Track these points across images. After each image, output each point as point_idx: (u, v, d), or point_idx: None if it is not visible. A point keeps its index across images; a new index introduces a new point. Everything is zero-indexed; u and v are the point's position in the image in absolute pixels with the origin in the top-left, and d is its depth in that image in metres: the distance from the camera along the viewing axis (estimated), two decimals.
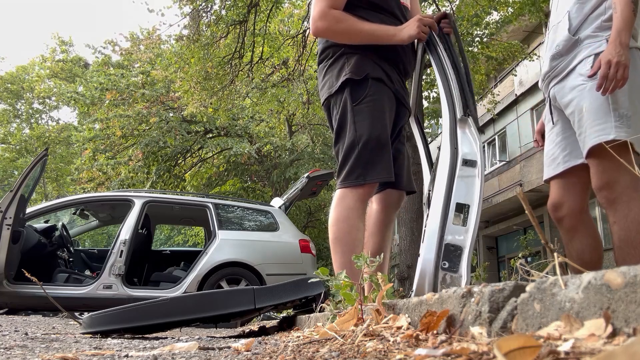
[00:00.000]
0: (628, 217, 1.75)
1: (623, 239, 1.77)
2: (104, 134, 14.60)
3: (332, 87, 2.03)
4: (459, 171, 1.75)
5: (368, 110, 1.96)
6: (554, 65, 1.98)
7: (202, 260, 5.10)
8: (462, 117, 1.84)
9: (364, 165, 1.93)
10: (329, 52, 2.09)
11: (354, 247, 1.90)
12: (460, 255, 1.65)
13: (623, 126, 1.74)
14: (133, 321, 2.23)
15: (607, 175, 1.79)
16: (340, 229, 1.93)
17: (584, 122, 1.82)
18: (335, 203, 1.98)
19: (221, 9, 9.70)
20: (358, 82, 1.97)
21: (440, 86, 1.92)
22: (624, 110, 1.75)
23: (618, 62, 1.70)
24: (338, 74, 2.01)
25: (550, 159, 2.09)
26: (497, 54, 10.26)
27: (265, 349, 1.26)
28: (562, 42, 1.93)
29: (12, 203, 4.41)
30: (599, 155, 1.79)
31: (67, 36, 39.72)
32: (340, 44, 2.04)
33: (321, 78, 2.12)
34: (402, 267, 8.71)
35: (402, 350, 0.83)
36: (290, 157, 15.35)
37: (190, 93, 11.06)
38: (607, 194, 1.80)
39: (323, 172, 5.71)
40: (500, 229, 15.63)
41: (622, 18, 1.75)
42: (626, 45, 1.73)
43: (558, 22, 2.00)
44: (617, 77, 1.71)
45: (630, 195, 1.76)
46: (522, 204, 0.82)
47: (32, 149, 25.08)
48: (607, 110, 1.76)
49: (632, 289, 0.52)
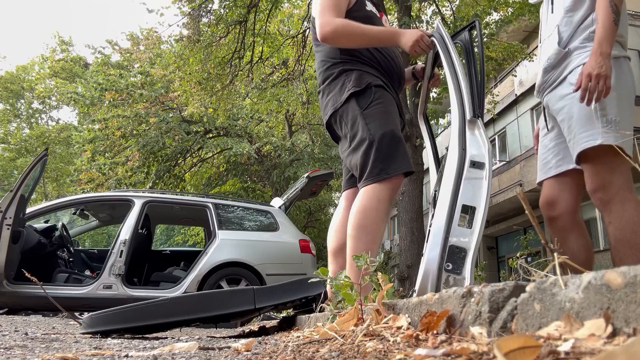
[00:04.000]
0: (623, 217, 1.79)
1: (619, 239, 1.80)
2: (103, 134, 14.59)
3: (336, 102, 2.12)
4: (466, 173, 1.75)
5: (377, 112, 2.05)
6: (547, 77, 2.06)
7: (202, 260, 5.10)
8: (471, 118, 1.84)
9: (383, 160, 1.97)
10: (328, 75, 2.20)
11: (377, 238, 1.92)
12: (464, 257, 1.65)
13: (611, 131, 1.79)
14: (133, 321, 2.23)
15: (601, 177, 1.84)
16: (368, 216, 1.93)
17: (573, 129, 1.89)
18: (361, 194, 1.99)
19: (220, 8, 9.70)
20: (362, 92, 2.07)
21: (451, 86, 1.93)
22: (612, 116, 1.81)
23: (598, 74, 1.77)
24: (340, 90, 2.12)
25: (543, 163, 2.16)
26: (497, 54, 10.26)
27: (265, 349, 1.26)
28: (553, 55, 2.00)
29: (12, 203, 4.41)
30: (592, 159, 1.85)
31: (67, 36, 39.74)
32: (338, 63, 2.17)
33: (323, 100, 2.23)
34: (402, 267, 8.71)
35: (402, 350, 0.83)
36: (290, 157, 15.35)
37: (190, 93, 11.06)
38: (602, 196, 1.84)
39: (323, 172, 5.71)
40: (500, 229, 15.64)
41: (603, 29, 1.81)
42: (607, 55, 1.79)
43: (549, 35, 2.06)
44: (599, 88, 1.77)
45: (624, 196, 1.80)
46: (522, 204, 0.82)
47: (32, 148, 25.08)
48: (595, 117, 1.82)
49: (632, 289, 0.52)
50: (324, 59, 2.24)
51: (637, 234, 1.76)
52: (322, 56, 2.25)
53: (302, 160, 15.47)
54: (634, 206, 1.79)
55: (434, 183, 2.15)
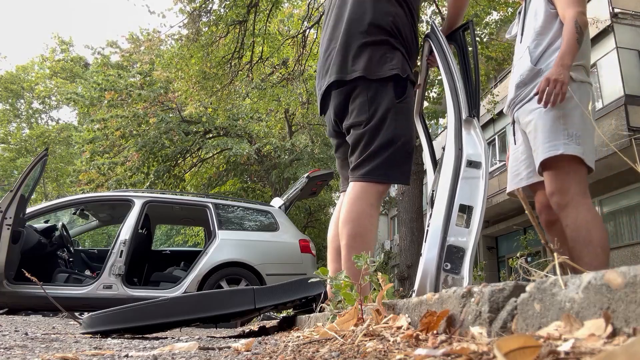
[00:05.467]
0: (577, 219, 1.98)
1: (574, 238, 1.98)
2: (102, 134, 14.59)
3: (371, 72, 1.93)
4: (463, 172, 1.75)
5: (407, 111, 2.00)
6: (519, 92, 2.25)
7: (202, 260, 5.10)
8: (467, 117, 1.84)
9: (391, 165, 1.93)
10: (374, 30, 1.98)
11: (372, 245, 1.89)
12: (462, 257, 1.65)
13: (572, 143, 2.01)
14: (133, 321, 2.23)
15: (559, 183, 2.05)
16: (363, 225, 1.89)
17: (537, 140, 2.10)
18: (354, 197, 1.92)
19: (220, 8, 9.70)
20: (402, 80, 1.96)
21: (446, 86, 1.92)
22: (574, 130, 2.02)
23: (556, 79, 1.98)
24: (380, 62, 1.94)
25: (514, 174, 2.35)
26: (496, 54, 10.26)
27: (265, 349, 1.26)
28: (525, 72, 2.22)
29: (12, 203, 4.41)
30: (552, 166, 2.06)
31: (67, 36, 39.73)
32: (385, 31, 1.97)
33: (354, 50, 1.99)
34: (402, 267, 8.71)
35: (402, 350, 0.83)
36: (289, 158, 15.35)
37: (190, 93, 11.06)
38: (558, 200, 2.04)
39: (323, 172, 5.71)
40: (500, 229, 15.64)
41: (567, 45, 2.04)
42: (567, 67, 2.01)
43: (520, 56, 2.28)
44: (555, 91, 1.98)
45: (578, 201, 2.00)
46: (522, 204, 0.83)
47: (31, 148, 25.09)
48: (558, 130, 2.04)
49: (632, 289, 0.52)
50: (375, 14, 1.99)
51: (590, 232, 1.95)
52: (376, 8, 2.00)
53: (302, 161, 15.47)
54: (587, 209, 1.99)
55: (431, 183, 2.16)
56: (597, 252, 1.92)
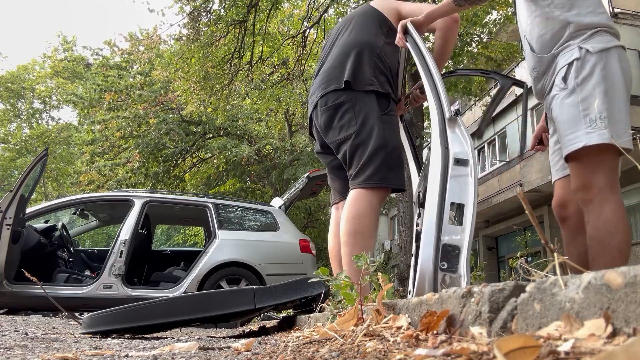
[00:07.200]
0: (600, 217, 1.81)
1: (594, 237, 1.82)
2: (102, 135, 14.59)
3: (357, 81, 2.08)
4: (452, 171, 1.75)
5: (393, 123, 2.11)
6: (541, 85, 2.10)
7: (202, 260, 5.10)
8: (451, 116, 1.84)
9: (387, 169, 1.99)
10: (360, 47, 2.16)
11: (371, 245, 1.93)
12: (458, 255, 1.65)
13: (595, 130, 1.78)
14: (133, 321, 2.23)
15: (583, 177, 1.86)
16: (363, 223, 1.94)
17: (560, 132, 1.92)
18: (354, 199, 1.98)
19: (220, 8, 9.70)
20: (383, 96, 2.09)
21: (427, 87, 1.93)
22: (597, 112, 1.79)
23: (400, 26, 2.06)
24: (364, 78, 2.09)
25: (553, 163, 2.20)
26: (496, 54, 10.26)
27: (265, 349, 1.26)
28: (534, 62, 2.07)
29: (12, 203, 4.41)
30: (577, 159, 1.87)
31: (71, 36, 39.70)
32: (374, 53, 2.14)
33: (350, 62, 2.14)
34: (402, 267, 8.72)
35: (402, 350, 0.83)
36: (289, 158, 15.35)
37: (189, 92, 11.06)
38: (583, 196, 1.87)
39: (323, 172, 5.69)
40: (500, 229, 15.63)
41: None
42: (419, 22, 2.08)
43: (526, 48, 2.15)
44: None
45: (604, 197, 1.82)
46: (522, 204, 0.83)
47: (32, 148, 25.10)
48: (578, 118, 1.82)
49: (632, 289, 0.52)
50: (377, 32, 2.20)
51: (611, 235, 1.79)
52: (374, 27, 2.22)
53: (301, 161, 15.47)
54: (613, 207, 1.81)
55: (416, 184, 2.18)
56: (614, 255, 1.78)
